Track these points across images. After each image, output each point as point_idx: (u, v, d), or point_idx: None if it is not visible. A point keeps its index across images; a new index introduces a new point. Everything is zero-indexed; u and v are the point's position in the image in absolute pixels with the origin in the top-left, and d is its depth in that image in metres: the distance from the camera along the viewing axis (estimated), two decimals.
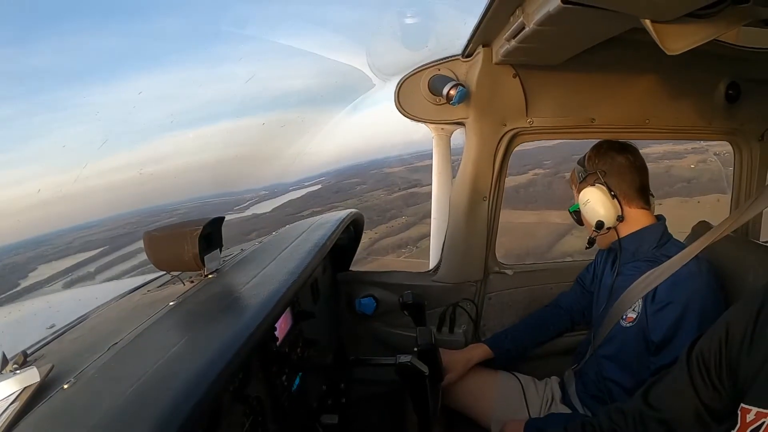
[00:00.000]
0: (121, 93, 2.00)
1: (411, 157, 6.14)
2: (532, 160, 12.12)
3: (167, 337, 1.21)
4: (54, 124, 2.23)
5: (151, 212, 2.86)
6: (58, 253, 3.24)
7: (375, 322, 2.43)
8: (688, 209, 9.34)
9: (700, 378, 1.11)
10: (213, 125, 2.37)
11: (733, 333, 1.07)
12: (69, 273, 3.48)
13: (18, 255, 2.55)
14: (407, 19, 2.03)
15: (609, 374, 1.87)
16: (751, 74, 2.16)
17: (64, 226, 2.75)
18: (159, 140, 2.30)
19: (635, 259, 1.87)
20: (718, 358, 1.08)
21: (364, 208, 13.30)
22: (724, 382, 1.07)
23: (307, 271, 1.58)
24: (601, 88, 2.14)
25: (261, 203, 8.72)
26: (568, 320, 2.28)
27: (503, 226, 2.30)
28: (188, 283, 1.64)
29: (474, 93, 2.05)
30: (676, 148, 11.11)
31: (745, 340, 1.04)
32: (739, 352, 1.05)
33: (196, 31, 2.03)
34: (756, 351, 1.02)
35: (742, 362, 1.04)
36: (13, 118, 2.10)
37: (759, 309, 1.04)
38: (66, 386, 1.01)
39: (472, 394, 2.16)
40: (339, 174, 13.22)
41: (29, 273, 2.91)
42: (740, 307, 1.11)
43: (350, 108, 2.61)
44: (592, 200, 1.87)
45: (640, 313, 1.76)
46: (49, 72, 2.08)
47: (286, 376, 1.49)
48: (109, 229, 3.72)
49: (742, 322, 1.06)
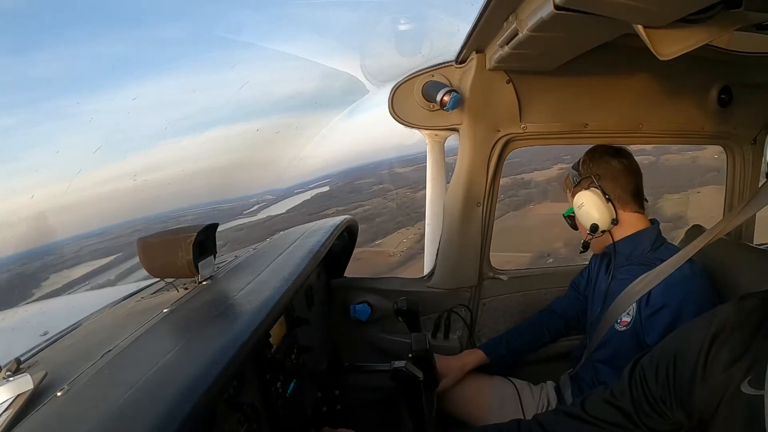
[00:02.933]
0: (119, 100, 2.00)
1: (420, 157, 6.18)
2: (550, 155, 12.19)
3: (161, 344, 1.21)
4: (55, 133, 2.21)
5: (158, 219, 2.86)
6: (68, 262, 3.21)
7: (370, 328, 2.43)
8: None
9: (645, 401, 1.09)
10: (211, 131, 2.37)
11: (683, 360, 1.04)
12: (86, 281, 3.47)
13: (24, 266, 2.53)
14: (401, 26, 2.04)
15: (604, 378, 1.87)
16: (743, 78, 2.18)
17: (66, 235, 2.74)
18: (158, 147, 2.30)
19: (629, 263, 1.88)
20: (666, 389, 1.05)
21: (396, 206, 13.32)
22: (674, 411, 1.04)
23: (302, 278, 1.58)
24: (595, 93, 2.15)
25: (271, 206, 8.75)
26: (562, 325, 2.29)
27: (550, 218, 2.29)
28: (182, 289, 1.64)
29: (468, 99, 2.05)
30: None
31: (697, 373, 1.00)
32: (691, 381, 1.01)
33: (192, 38, 2.03)
34: (711, 378, 0.98)
35: (696, 392, 1.00)
36: (14, 128, 2.08)
37: (714, 333, 1.01)
38: (59, 394, 1.01)
39: (467, 400, 2.15)
40: (344, 176, 13.25)
41: (42, 283, 2.90)
42: (688, 335, 1.07)
43: (345, 113, 2.62)
44: (587, 204, 1.88)
45: (634, 316, 1.76)
46: (49, 81, 2.07)
47: (280, 383, 1.49)
48: (116, 237, 3.70)
49: (692, 354, 1.02)
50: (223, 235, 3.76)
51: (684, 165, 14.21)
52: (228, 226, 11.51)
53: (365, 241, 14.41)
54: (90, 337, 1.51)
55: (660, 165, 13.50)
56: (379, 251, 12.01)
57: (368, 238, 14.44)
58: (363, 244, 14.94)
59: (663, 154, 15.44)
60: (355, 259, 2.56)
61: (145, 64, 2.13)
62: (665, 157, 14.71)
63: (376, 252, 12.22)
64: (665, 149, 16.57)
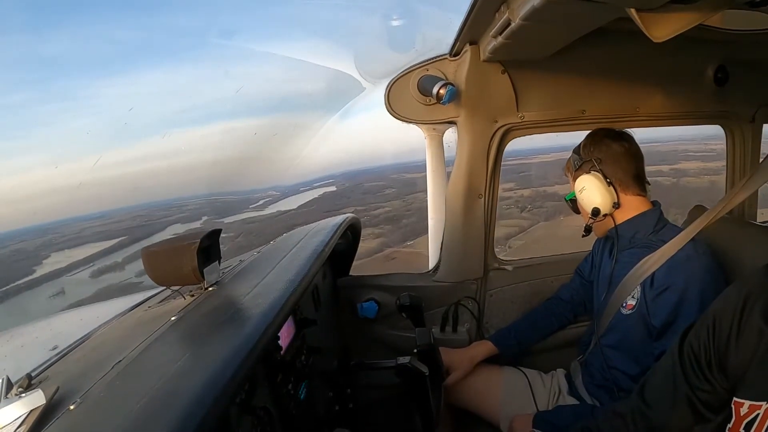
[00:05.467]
0: (129, 86, 2.00)
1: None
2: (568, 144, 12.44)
3: (171, 352, 1.21)
4: (62, 114, 2.20)
5: (159, 206, 2.88)
6: (70, 242, 3.24)
7: (378, 325, 2.43)
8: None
9: (693, 372, 1.10)
10: (215, 124, 2.39)
11: (719, 325, 1.06)
12: (91, 262, 3.49)
13: (24, 242, 2.54)
14: (393, 22, 2.04)
15: (614, 363, 1.88)
16: (738, 57, 2.17)
17: (66, 216, 2.75)
18: (163, 137, 2.30)
19: (632, 245, 1.88)
20: (708, 351, 1.08)
21: (416, 209, 13.38)
22: (715, 374, 1.07)
23: (308, 279, 1.58)
24: (590, 79, 2.14)
25: (278, 202, 8.80)
26: (570, 312, 2.29)
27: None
28: (189, 296, 1.64)
29: (464, 91, 2.05)
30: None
31: (732, 332, 1.03)
32: (726, 344, 1.04)
33: (203, 30, 2.04)
34: (743, 342, 1.01)
35: (730, 354, 1.03)
36: (22, 106, 2.08)
37: (745, 298, 1.04)
38: (72, 407, 1.01)
39: (478, 392, 2.16)
40: (349, 177, 13.22)
41: (43, 260, 2.92)
42: (726, 297, 1.10)
43: (342, 112, 2.62)
44: (588, 188, 1.88)
45: (639, 299, 1.76)
46: (61, 61, 2.06)
47: (292, 385, 1.49)
48: (117, 221, 3.73)
49: (729, 313, 1.05)
50: (235, 227, 3.71)
51: (702, 188, 14.48)
52: (238, 218, 11.54)
53: (396, 240, 14.54)
54: (99, 348, 1.52)
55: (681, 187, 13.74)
56: (413, 252, 12.04)
57: (398, 238, 14.58)
58: (395, 244, 14.92)
59: (683, 177, 15.62)
60: (389, 258, 2.56)
61: (159, 52, 2.12)
62: (685, 180, 14.93)
63: (409, 252, 12.47)
64: (683, 172, 16.70)
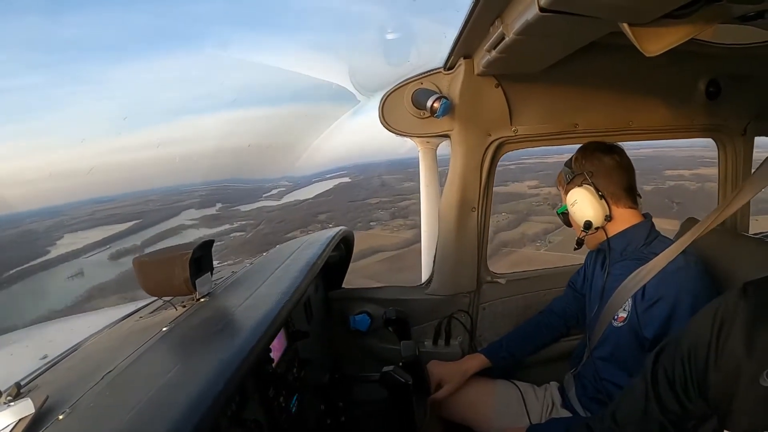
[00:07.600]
0: (145, 72, 2.01)
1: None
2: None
3: (162, 363, 1.21)
4: (77, 96, 2.21)
5: (171, 191, 2.88)
6: (83, 224, 3.22)
7: (370, 338, 2.42)
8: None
9: (666, 396, 1.09)
10: (228, 112, 2.38)
11: (695, 351, 1.05)
12: (107, 244, 3.46)
13: (35, 223, 2.52)
14: (388, 35, 2.05)
15: (606, 375, 1.87)
16: (729, 70, 2.20)
17: (78, 198, 2.73)
18: (177, 122, 2.31)
19: (624, 258, 1.88)
20: (683, 377, 1.06)
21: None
22: (694, 400, 1.05)
23: (300, 291, 1.58)
24: (583, 93, 2.16)
25: (292, 192, 8.81)
26: (562, 325, 2.29)
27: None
28: (180, 307, 1.63)
29: (457, 105, 2.06)
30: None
31: (710, 359, 1.02)
32: (705, 370, 1.02)
33: (221, 16, 2.05)
34: (723, 368, 1.00)
35: (710, 381, 1.02)
36: (37, 88, 2.08)
37: (720, 323, 1.02)
38: (61, 417, 1.00)
39: (471, 405, 2.15)
40: (362, 169, 13.11)
41: (56, 241, 2.90)
42: (699, 321, 1.08)
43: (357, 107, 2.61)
44: (580, 201, 1.88)
45: (630, 311, 1.77)
46: (78, 44, 2.07)
47: (283, 398, 1.48)
48: (131, 204, 3.73)
49: (704, 339, 1.03)
50: (253, 214, 3.65)
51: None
52: (254, 207, 11.80)
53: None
54: (90, 358, 1.51)
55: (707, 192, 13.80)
56: None
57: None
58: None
59: (706, 182, 15.70)
60: (417, 252, 2.51)
61: (176, 38, 2.14)
62: (709, 185, 15.06)
63: None
64: (706, 177, 16.77)
